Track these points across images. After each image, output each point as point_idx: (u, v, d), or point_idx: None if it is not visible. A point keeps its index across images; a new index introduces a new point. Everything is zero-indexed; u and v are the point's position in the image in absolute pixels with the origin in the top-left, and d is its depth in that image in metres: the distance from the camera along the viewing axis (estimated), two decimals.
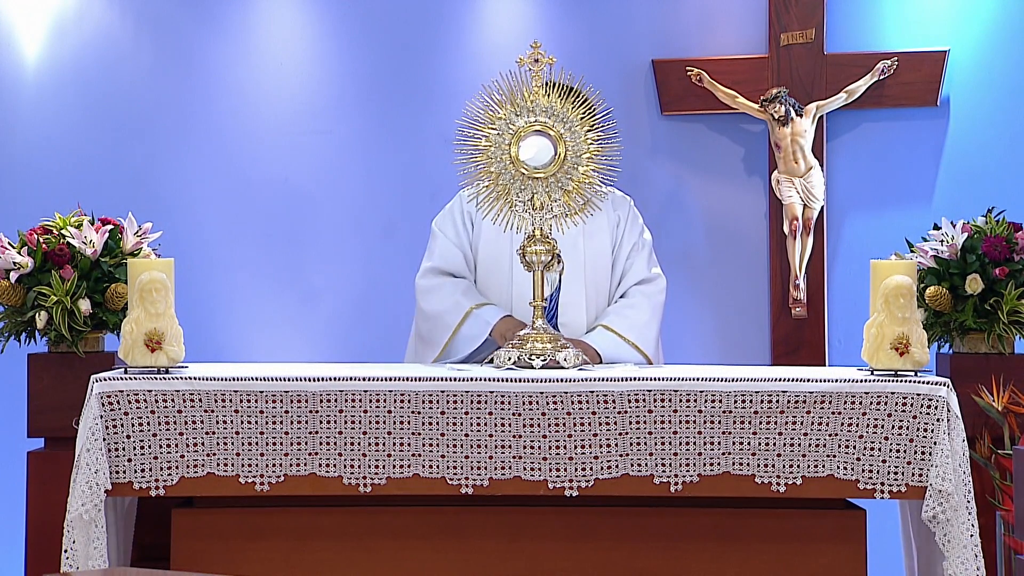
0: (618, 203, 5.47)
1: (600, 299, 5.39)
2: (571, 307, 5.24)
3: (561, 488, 4.60)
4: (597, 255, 5.39)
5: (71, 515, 4.54)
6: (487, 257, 5.37)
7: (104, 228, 5.19)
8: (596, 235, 5.34)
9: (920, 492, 4.58)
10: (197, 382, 4.62)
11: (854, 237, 6.71)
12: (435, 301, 5.33)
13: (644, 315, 5.34)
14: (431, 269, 5.39)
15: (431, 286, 5.36)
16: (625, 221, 5.45)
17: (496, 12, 6.77)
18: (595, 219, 5.26)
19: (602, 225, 5.38)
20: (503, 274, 5.36)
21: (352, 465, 4.61)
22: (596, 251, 5.39)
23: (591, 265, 5.35)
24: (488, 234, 5.34)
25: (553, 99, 4.89)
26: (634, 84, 6.75)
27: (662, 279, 5.45)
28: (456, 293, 5.31)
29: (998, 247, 5.18)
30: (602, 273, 5.40)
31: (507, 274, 5.34)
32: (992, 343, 5.20)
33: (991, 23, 6.64)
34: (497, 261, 5.35)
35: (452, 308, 5.29)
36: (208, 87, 6.72)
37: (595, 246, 5.38)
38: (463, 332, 5.26)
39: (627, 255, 5.44)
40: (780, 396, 4.61)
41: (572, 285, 5.25)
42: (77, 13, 6.69)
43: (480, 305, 5.28)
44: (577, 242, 5.28)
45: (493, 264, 5.36)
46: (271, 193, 6.75)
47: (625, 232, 5.45)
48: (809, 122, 6.60)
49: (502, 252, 5.34)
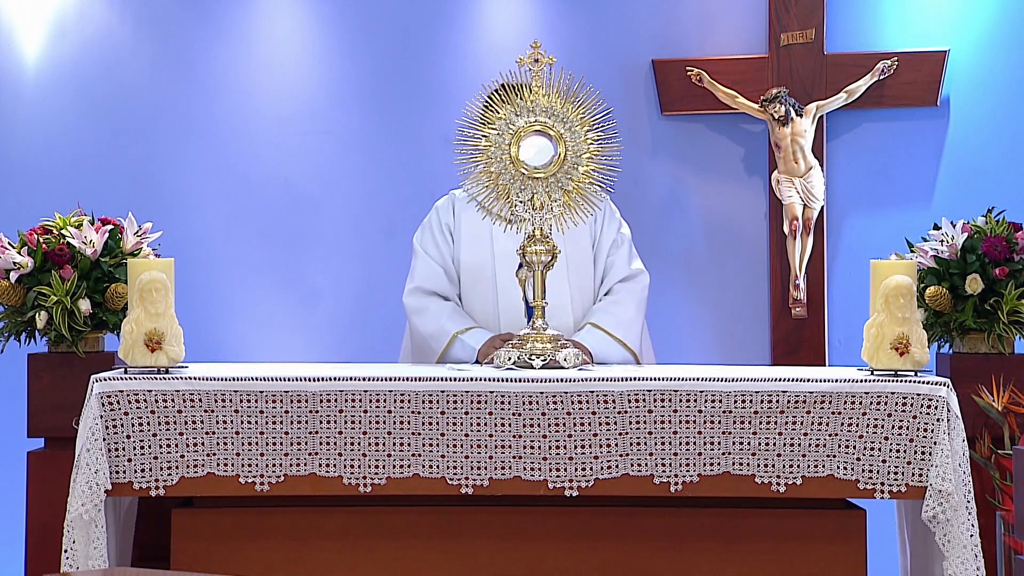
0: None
1: (585, 298, 5.39)
2: (558, 309, 5.23)
3: (561, 488, 4.60)
4: (579, 254, 5.38)
5: (71, 515, 4.54)
6: (469, 267, 5.36)
7: (104, 228, 5.19)
8: (576, 236, 5.32)
9: (920, 492, 4.58)
10: (197, 382, 4.62)
11: (854, 237, 6.71)
12: (421, 323, 5.32)
13: (630, 312, 5.34)
14: (415, 289, 5.39)
15: (418, 307, 5.36)
16: (602, 218, 5.43)
17: (496, 12, 6.77)
18: None
19: (580, 225, 5.38)
20: (486, 282, 5.35)
21: (352, 465, 4.61)
22: (577, 251, 5.38)
23: (574, 266, 5.34)
24: (469, 243, 5.35)
25: (553, 99, 4.90)
26: (634, 84, 6.75)
27: (645, 275, 5.43)
28: (441, 318, 5.30)
29: (998, 247, 5.18)
30: (585, 272, 5.39)
31: (490, 281, 5.34)
32: (992, 343, 5.20)
33: (991, 23, 6.64)
34: (480, 270, 5.34)
35: (437, 333, 5.28)
36: (208, 87, 6.73)
37: (576, 246, 5.36)
38: (449, 357, 5.25)
39: (607, 252, 5.43)
40: (780, 396, 4.61)
41: (557, 287, 5.24)
42: (77, 13, 6.69)
43: (466, 330, 5.26)
44: (559, 244, 5.27)
45: (476, 273, 5.35)
46: (271, 193, 6.75)
47: (603, 229, 5.44)
48: (809, 122, 6.60)
49: (483, 261, 5.34)
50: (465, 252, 5.37)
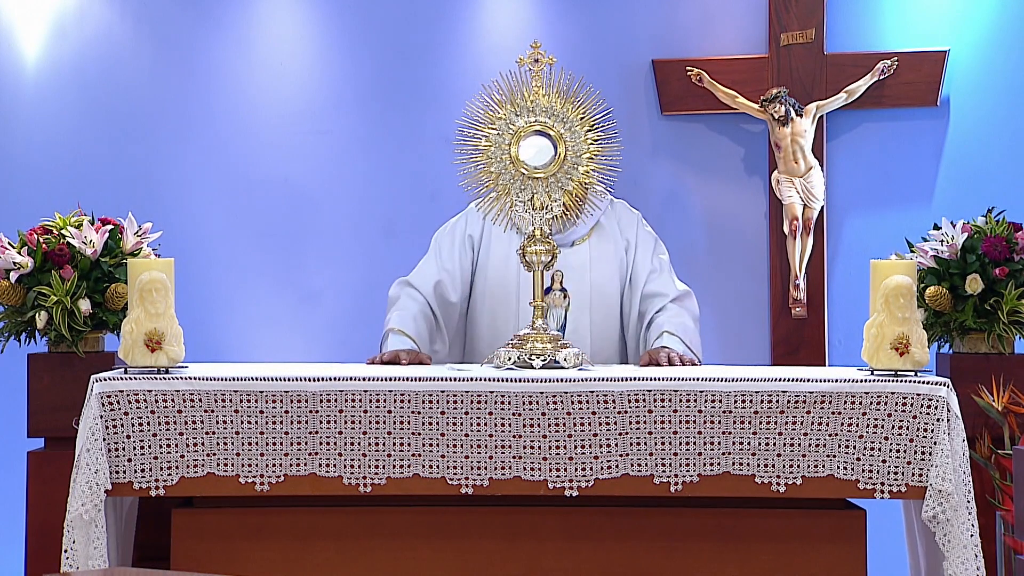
0: (625, 225, 5.42)
1: (608, 325, 5.34)
2: (577, 341, 5.18)
3: (561, 488, 4.60)
4: (604, 283, 5.34)
5: (71, 515, 4.54)
6: (495, 283, 5.33)
7: (104, 228, 5.19)
8: (603, 263, 5.30)
9: (920, 492, 4.58)
10: (197, 382, 4.62)
11: (854, 237, 6.71)
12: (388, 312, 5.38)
13: (691, 324, 5.31)
14: (402, 280, 5.41)
15: (391, 296, 5.41)
16: (635, 245, 5.39)
17: (496, 12, 6.77)
18: (601, 245, 5.27)
19: (608, 252, 5.34)
20: (509, 303, 5.32)
21: (352, 465, 4.61)
22: (603, 280, 5.33)
23: (597, 295, 5.27)
24: (496, 264, 5.33)
25: (553, 99, 4.90)
26: (634, 84, 6.75)
27: (693, 297, 5.40)
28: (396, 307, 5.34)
29: (998, 247, 5.18)
30: (610, 300, 5.33)
31: (513, 304, 5.31)
32: (992, 343, 5.20)
33: (991, 23, 6.64)
34: (504, 288, 5.29)
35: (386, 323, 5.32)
36: (208, 87, 6.72)
37: (602, 275, 5.33)
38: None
39: (646, 279, 5.35)
40: (780, 396, 4.61)
41: (578, 317, 5.22)
42: (77, 13, 6.69)
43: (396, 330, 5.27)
44: (584, 275, 5.25)
45: (500, 290, 5.30)
46: (271, 193, 6.75)
47: (637, 257, 5.38)
48: (809, 122, 6.60)
49: (509, 284, 5.30)
50: (492, 272, 5.34)
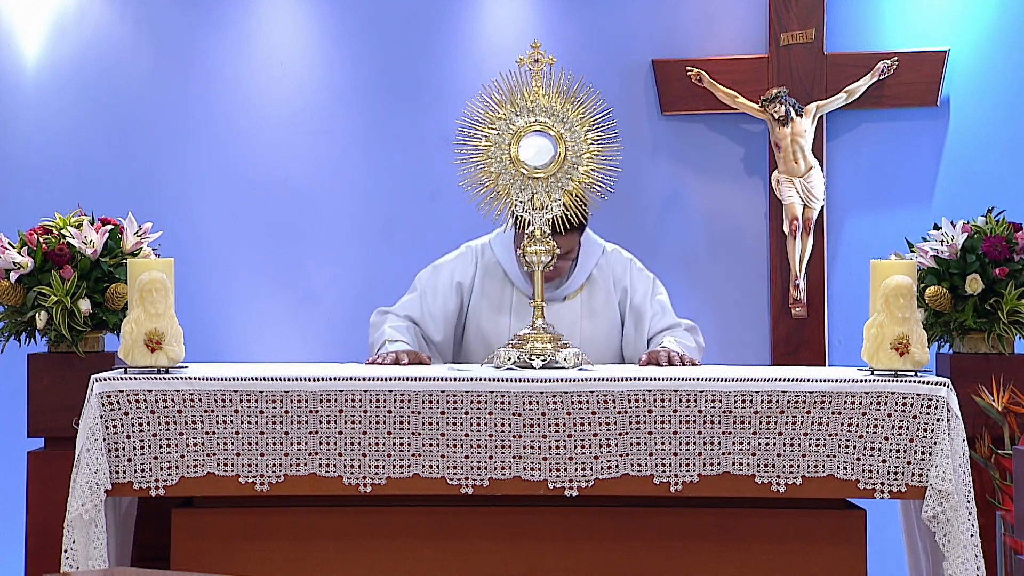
0: (619, 274, 5.39)
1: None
2: None
3: (561, 488, 4.59)
4: (598, 335, 5.33)
5: (71, 515, 4.54)
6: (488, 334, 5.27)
7: (104, 228, 5.19)
8: (598, 314, 5.30)
9: (920, 492, 4.58)
10: (197, 382, 4.62)
11: (854, 237, 6.71)
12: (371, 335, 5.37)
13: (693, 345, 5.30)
14: (383, 310, 5.40)
15: (373, 322, 5.40)
16: (630, 292, 5.36)
17: (496, 12, 6.77)
18: (593, 299, 5.28)
19: (601, 305, 5.33)
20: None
21: (352, 465, 4.61)
22: (598, 331, 5.33)
23: (591, 346, 5.24)
24: (488, 310, 5.31)
25: (553, 99, 4.90)
26: (634, 84, 6.75)
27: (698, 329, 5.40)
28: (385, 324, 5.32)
29: (998, 247, 5.18)
30: (603, 353, 5.29)
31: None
32: (992, 343, 5.20)
33: (991, 23, 6.64)
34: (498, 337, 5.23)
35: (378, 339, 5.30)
36: (208, 87, 6.73)
37: (597, 326, 5.34)
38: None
39: (649, 324, 5.33)
40: (780, 396, 4.61)
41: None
42: (77, 13, 6.69)
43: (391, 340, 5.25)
44: (575, 329, 5.25)
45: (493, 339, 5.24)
46: (271, 193, 6.75)
47: (632, 301, 5.36)
48: (809, 122, 6.60)
49: (501, 330, 5.28)
50: (485, 318, 5.32)
